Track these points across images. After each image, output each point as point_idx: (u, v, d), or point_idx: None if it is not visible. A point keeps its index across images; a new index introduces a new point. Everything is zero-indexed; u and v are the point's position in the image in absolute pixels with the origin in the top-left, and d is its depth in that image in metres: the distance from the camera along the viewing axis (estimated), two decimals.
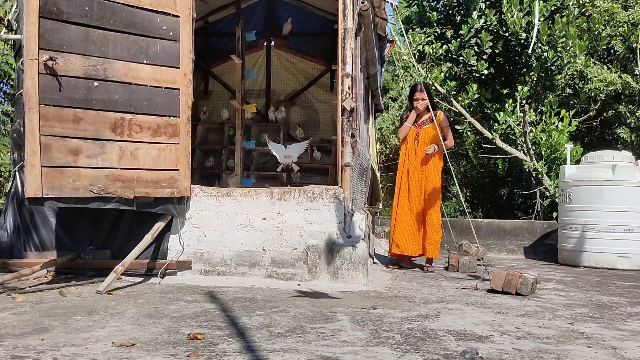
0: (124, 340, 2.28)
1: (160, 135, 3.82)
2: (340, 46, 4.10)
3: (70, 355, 2.05)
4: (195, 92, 4.21)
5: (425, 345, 2.31)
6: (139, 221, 3.99)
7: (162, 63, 3.81)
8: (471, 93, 8.60)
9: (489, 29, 8.37)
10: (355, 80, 4.23)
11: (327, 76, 7.70)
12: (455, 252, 5.76)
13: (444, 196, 12.09)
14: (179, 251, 4.02)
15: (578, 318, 3.00)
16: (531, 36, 7.81)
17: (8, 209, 4.09)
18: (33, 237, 4.04)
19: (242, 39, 6.71)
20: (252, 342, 2.28)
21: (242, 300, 3.25)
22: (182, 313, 2.84)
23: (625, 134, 9.36)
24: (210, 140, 7.80)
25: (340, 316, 2.84)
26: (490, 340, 2.43)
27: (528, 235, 6.97)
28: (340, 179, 4.07)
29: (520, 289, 3.68)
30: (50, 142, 3.40)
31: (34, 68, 3.35)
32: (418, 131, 5.18)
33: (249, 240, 4.03)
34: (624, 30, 9.04)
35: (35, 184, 3.34)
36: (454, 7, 9.01)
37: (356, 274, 3.84)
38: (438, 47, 8.53)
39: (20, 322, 2.59)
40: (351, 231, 3.96)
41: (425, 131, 5.15)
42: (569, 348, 2.34)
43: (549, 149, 8.27)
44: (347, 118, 4.06)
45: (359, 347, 2.24)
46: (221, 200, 4.10)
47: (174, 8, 3.85)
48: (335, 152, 6.14)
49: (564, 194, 6.10)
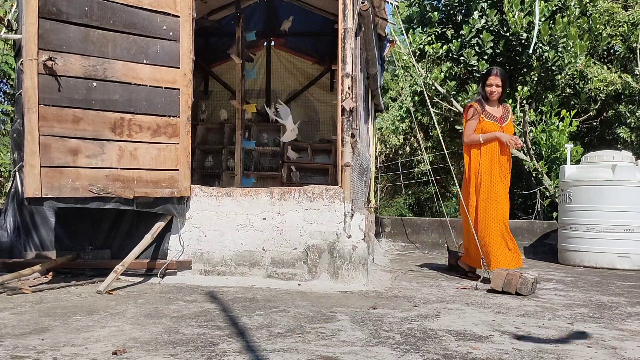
0: (124, 339, 2.28)
1: (160, 135, 3.82)
2: (340, 46, 4.10)
3: (70, 355, 2.05)
4: (195, 92, 4.21)
5: (425, 345, 2.31)
6: (138, 221, 3.99)
7: (162, 63, 3.81)
8: (471, 93, 8.59)
9: (490, 29, 8.37)
10: (355, 80, 4.23)
11: (327, 76, 7.70)
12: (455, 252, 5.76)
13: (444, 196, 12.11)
14: (179, 251, 4.02)
15: (578, 318, 3.00)
16: (532, 36, 7.82)
17: (8, 209, 4.09)
18: (33, 237, 4.04)
19: (242, 39, 6.71)
20: (252, 342, 2.28)
21: (242, 300, 3.25)
22: (182, 313, 2.84)
23: (625, 134, 9.35)
24: (210, 140, 7.80)
25: (340, 316, 2.84)
26: (490, 340, 2.43)
27: (528, 235, 6.97)
28: (340, 179, 4.07)
29: (520, 289, 3.67)
30: (50, 142, 3.40)
31: (33, 68, 3.35)
32: (502, 127, 4.42)
33: (249, 240, 4.03)
34: (624, 30, 9.04)
35: (35, 184, 3.34)
36: (455, 7, 9.01)
37: (356, 274, 3.84)
38: (438, 47, 8.54)
39: (20, 322, 2.59)
40: (351, 231, 3.96)
41: (507, 128, 4.44)
42: (569, 348, 2.33)
43: (549, 149, 8.27)
44: (347, 118, 4.06)
45: (358, 347, 2.24)
46: (221, 200, 4.10)
47: (174, 8, 3.85)
48: (335, 152, 6.14)
49: (564, 194, 6.09)
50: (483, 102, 4.46)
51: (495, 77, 4.39)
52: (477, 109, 4.45)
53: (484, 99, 4.47)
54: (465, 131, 4.52)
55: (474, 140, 4.43)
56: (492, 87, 4.39)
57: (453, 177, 6.82)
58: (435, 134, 11.28)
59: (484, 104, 4.46)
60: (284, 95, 7.90)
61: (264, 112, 7.69)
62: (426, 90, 8.05)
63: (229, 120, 7.56)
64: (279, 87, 7.91)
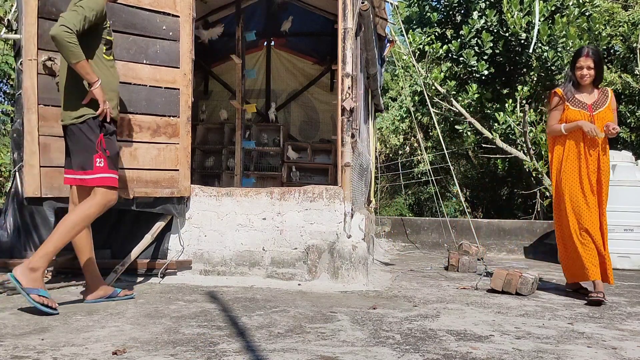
0: (124, 339, 2.28)
1: (160, 135, 3.82)
2: (340, 46, 4.10)
3: (70, 355, 2.05)
4: (195, 92, 4.21)
5: (425, 345, 2.31)
6: (139, 221, 3.99)
7: (161, 63, 3.81)
8: (471, 93, 8.60)
9: (490, 29, 8.38)
10: (355, 80, 4.23)
11: (327, 76, 7.70)
12: (455, 252, 5.76)
13: (443, 196, 12.11)
14: (179, 251, 4.02)
15: (578, 318, 3.00)
16: (531, 36, 7.82)
17: (8, 209, 4.09)
18: (33, 237, 4.03)
19: (242, 39, 6.71)
20: (252, 342, 2.28)
21: (242, 300, 3.25)
22: (182, 313, 2.84)
23: (625, 134, 9.35)
24: (210, 140, 7.80)
25: (340, 316, 2.84)
26: (490, 340, 2.43)
27: (528, 235, 6.97)
28: (340, 179, 4.07)
29: (520, 289, 3.67)
30: (50, 142, 3.40)
31: (32, 68, 3.35)
32: (592, 116, 3.77)
33: (249, 240, 4.03)
34: (624, 30, 9.04)
35: (34, 184, 3.34)
36: (454, 8, 9.01)
37: (356, 274, 3.84)
38: (438, 47, 8.54)
39: (20, 322, 2.59)
40: (351, 231, 3.96)
41: (601, 117, 3.75)
42: (569, 348, 2.33)
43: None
44: (347, 118, 4.06)
45: (358, 347, 2.24)
46: (221, 200, 4.10)
47: (174, 8, 3.85)
48: (335, 152, 6.14)
49: None
50: (572, 87, 3.85)
51: (586, 58, 3.76)
52: (561, 96, 3.85)
53: (574, 85, 3.86)
54: (548, 122, 3.96)
55: (555, 132, 3.85)
56: (583, 69, 3.77)
57: (453, 177, 6.82)
58: (435, 134, 11.29)
59: (572, 89, 3.84)
60: (284, 95, 7.90)
61: (264, 113, 7.70)
62: (426, 90, 8.05)
63: (229, 120, 7.56)
64: (279, 87, 7.91)
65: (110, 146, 2.99)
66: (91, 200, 2.95)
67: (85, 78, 2.91)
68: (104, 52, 3.01)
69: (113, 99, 3.04)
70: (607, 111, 3.78)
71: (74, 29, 2.77)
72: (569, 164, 3.79)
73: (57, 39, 2.77)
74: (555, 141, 3.91)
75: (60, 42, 2.77)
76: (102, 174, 2.93)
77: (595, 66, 3.77)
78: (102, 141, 2.93)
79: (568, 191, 3.75)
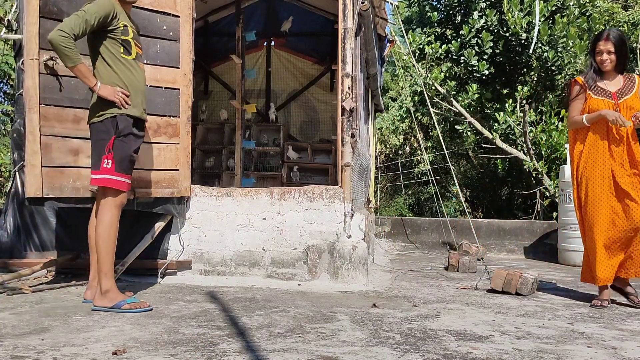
0: (124, 339, 2.28)
1: (160, 135, 3.82)
2: (340, 46, 4.10)
3: (70, 355, 2.05)
4: (195, 92, 4.21)
5: (425, 345, 2.31)
6: (139, 221, 3.99)
7: (162, 63, 3.81)
8: (471, 93, 8.60)
9: (490, 29, 8.38)
10: (355, 80, 4.23)
11: (327, 76, 7.70)
12: (455, 252, 5.77)
13: (443, 196, 12.11)
14: (179, 251, 4.02)
15: (578, 318, 3.00)
16: (532, 36, 7.82)
17: (8, 209, 4.09)
18: (33, 237, 4.04)
19: (242, 39, 6.71)
20: (252, 342, 2.28)
21: (242, 300, 3.25)
22: (182, 313, 2.84)
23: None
24: (210, 140, 7.80)
25: (340, 316, 2.85)
26: (490, 340, 2.43)
27: (528, 235, 6.97)
28: (340, 179, 4.07)
29: (520, 289, 3.68)
30: (51, 142, 3.40)
31: (34, 68, 3.35)
32: (617, 104, 3.43)
33: (249, 240, 4.04)
34: (624, 30, 9.04)
35: (36, 184, 3.34)
36: (454, 7, 9.01)
37: (356, 274, 3.84)
38: (438, 47, 8.54)
39: (20, 322, 2.59)
40: (351, 231, 3.97)
41: (628, 105, 3.42)
42: (569, 348, 2.34)
43: (549, 149, 8.27)
44: (347, 118, 4.06)
45: (358, 347, 2.24)
46: (221, 200, 4.10)
47: (174, 8, 3.85)
48: (335, 152, 6.14)
49: (564, 194, 6.09)
50: (594, 74, 3.52)
51: (605, 42, 3.43)
52: (582, 85, 3.53)
53: (595, 72, 3.52)
54: (569, 114, 3.62)
55: (576, 124, 3.50)
56: (603, 54, 3.45)
57: (453, 177, 6.82)
58: (435, 134, 11.29)
59: (594, 77, 3.51)
60: (284, 95, 7.91)
61: (264, 113, 7.70)
62: (426, 90, 8.05)
63: (229, 120, 7.56)
64: (279, 87, 7.92)
65: (120, 149, 2.93)
66: (102, 208, 2.96)
67: (83, 82, 2.93)
68: (121, 53, 2.99)
69: (135, 97, 3.01)
70: (634, 99, 3.43)
71: (71, 33, 2.78)
72: (590, 161, 3.44)
73: (53, 43, 2.79)
74: (576, 136, 3.56)
75: (55, 45, 2.78)
76: (107, 175, 2.90)
77: (615, 50, 3.44)
78: (112, 142, 2.91)
79: (591, 192, 3.42)
